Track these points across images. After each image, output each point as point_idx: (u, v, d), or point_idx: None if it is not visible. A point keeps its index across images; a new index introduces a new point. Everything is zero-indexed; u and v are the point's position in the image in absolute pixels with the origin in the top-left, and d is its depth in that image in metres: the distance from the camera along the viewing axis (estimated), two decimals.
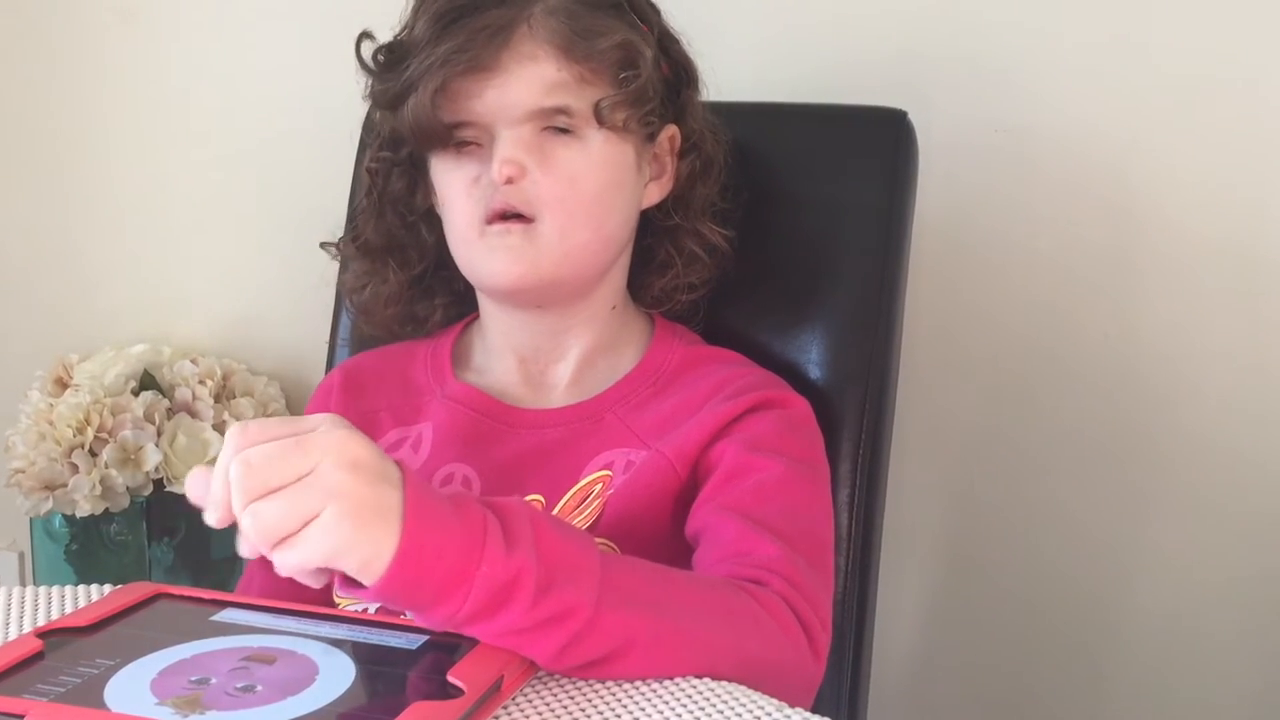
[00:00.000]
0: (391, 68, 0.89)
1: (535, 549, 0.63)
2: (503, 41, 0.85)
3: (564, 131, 0.88)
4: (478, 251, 0.89)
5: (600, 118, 0.87)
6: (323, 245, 1.03)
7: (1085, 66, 1.17)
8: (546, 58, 0.86)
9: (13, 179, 1.57)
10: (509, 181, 0.86)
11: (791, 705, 0.75)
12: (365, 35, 0.92)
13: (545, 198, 0.87)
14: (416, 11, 0.89)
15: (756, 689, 0.68)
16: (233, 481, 0.60)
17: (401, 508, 0.61)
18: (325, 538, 0.59)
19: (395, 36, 0.91)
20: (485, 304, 0.96)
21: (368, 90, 0.93)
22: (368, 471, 0.61)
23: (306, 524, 0.59)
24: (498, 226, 0.88)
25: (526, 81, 0.86)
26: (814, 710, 0.64)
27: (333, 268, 1.06)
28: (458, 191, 0.89)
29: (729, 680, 0.68)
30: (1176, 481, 1.21)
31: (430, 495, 0.63)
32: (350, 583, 0.62)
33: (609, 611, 0.65)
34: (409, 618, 0.68)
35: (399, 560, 0.60)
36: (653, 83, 0.90)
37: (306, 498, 0.59)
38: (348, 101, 0.97)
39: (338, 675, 0.63)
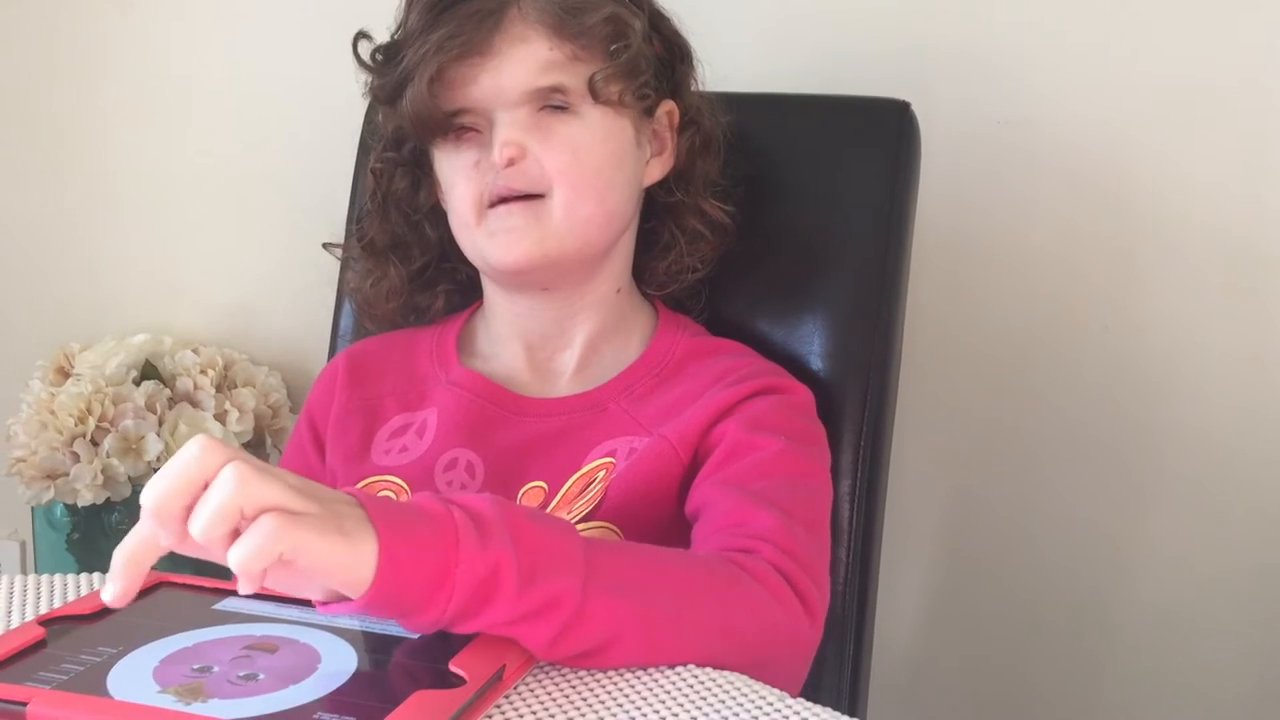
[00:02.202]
0: (388, 62, 0.90)
1: (512, 541, 0.63)
2: (494, 25, 0.87)
3: (561, 109, 0.89)
4: (480, 235, 0.90)
5: (595, 92, 0.88)
6: (325, 246, 1.03)
7: (1088, 60, 1.17)
8: (538, 38, 0.87)
9: (14, 169, 1.57)
10: (510, 164, 0.87)
11: (790, 669, 0.77)
12: (362, 35, 0.92)
13: (549, 172, 0.88)
14: (409, 6, 0.90)
15: (752, 658, 0.69)
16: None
17: (368, 519, 0.60)
18: (312, 554, 0.58)
19: (391, 35, 0.92)
20: (491, 291, 0.97)
21: (367, 88, 0.94)
22: (303, 496, 0.59)
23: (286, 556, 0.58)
24: (500, 208, 0.88)
25: (520, 63, 0.87)
26: (814, 700, 0.64)
27: (334, 258, 1.06)
28: (459, 176, 0.90)
29: (723, 654, 0.68)
30: (1175, 475, 1.21)
31: (391, 504, 0.63)
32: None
33: (597, 598, 0.65)
34: None
35: (383, 565, 0.59)
36: (644, 55, 0.91)
37: (264, 543, 0.57)
38: (349, 93, 0.97)
39: (340, 664, 0.63)
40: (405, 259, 0.98)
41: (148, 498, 0.58)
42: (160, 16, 1.48)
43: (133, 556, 0.60)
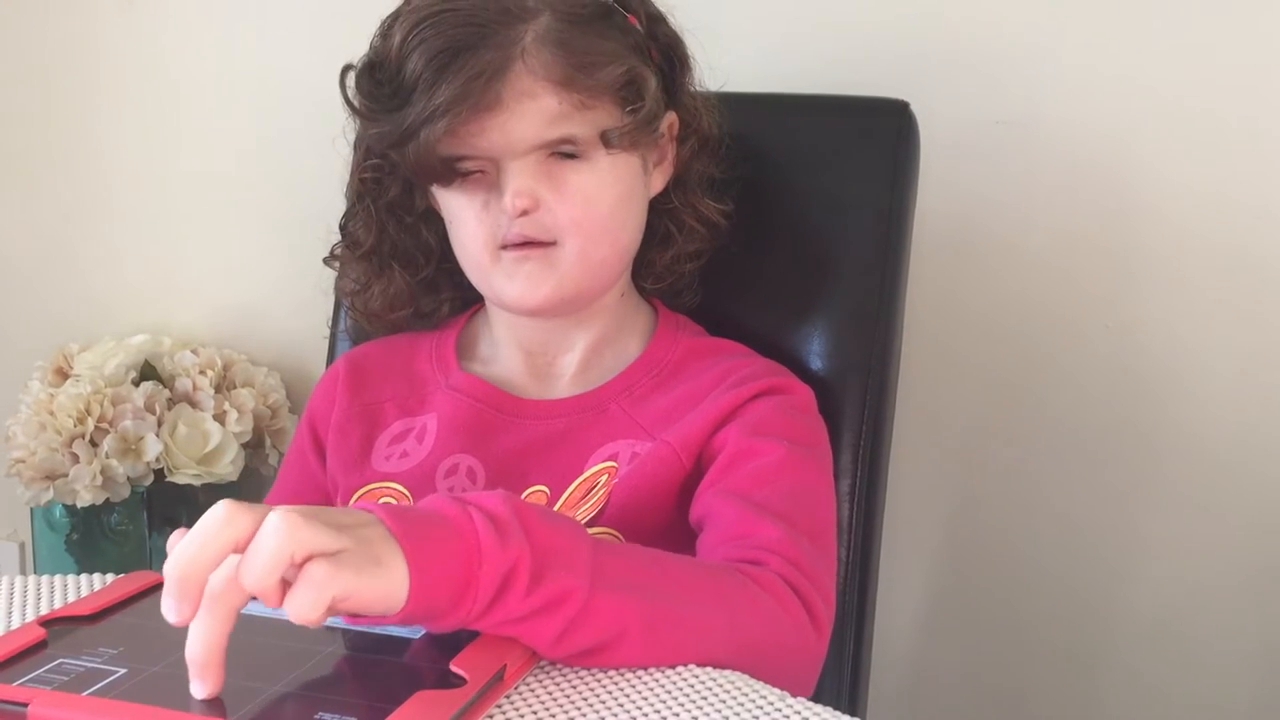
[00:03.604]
0: (386, 109, 0.86)
1: (527, 537, 0.63)
2: (500, 81, 0.84)
3: (570, 156, 0.87)
4: (496, 277, 0.89)
5: (608, 144, 0.87)
6: (327, 261, 1.02)
7: (1087, 60, 1.17)
8: (545, 93, 0.84)
9: (13, 170, 1.57)
10: (523, 213, 0.86)
11: (795, 681, 0.76)
12: (349, 68, 0.89)
13: (562, 222, 0.87)
14: (404, 42, 0.84)
15: (757, 668, 0.69)
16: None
17: (392, 537, 0.60)
18: (358, 595, 0.58)
19: (375, 56, 0.87)
20: (494, 305, 0.96)
21: (358, 127, 0.91)
22: (338, 533, 0.59)
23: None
24: (514, 253, 0.88)
25: (528, 118, 0.85)
26: (814, 699, 0.64)
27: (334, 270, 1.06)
28: (468, 216, 0.89)
29: (728, 661, 0.68)
30: (1172, 479, 1.20)
31: (410, 514, 0.63)
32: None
33: (604, 595, 0.65)
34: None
35: (415, 583, 0.59)
36: (658, 102, 0.89)
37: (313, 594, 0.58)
38: None
39: (339, 664, 0.63)
40: (409, 265, 0.97)
41: (174, 565, 0.57)
42: (160, 14, 1.48)
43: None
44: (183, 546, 0.58)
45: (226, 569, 0.58)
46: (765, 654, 0.72)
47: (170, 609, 0.58)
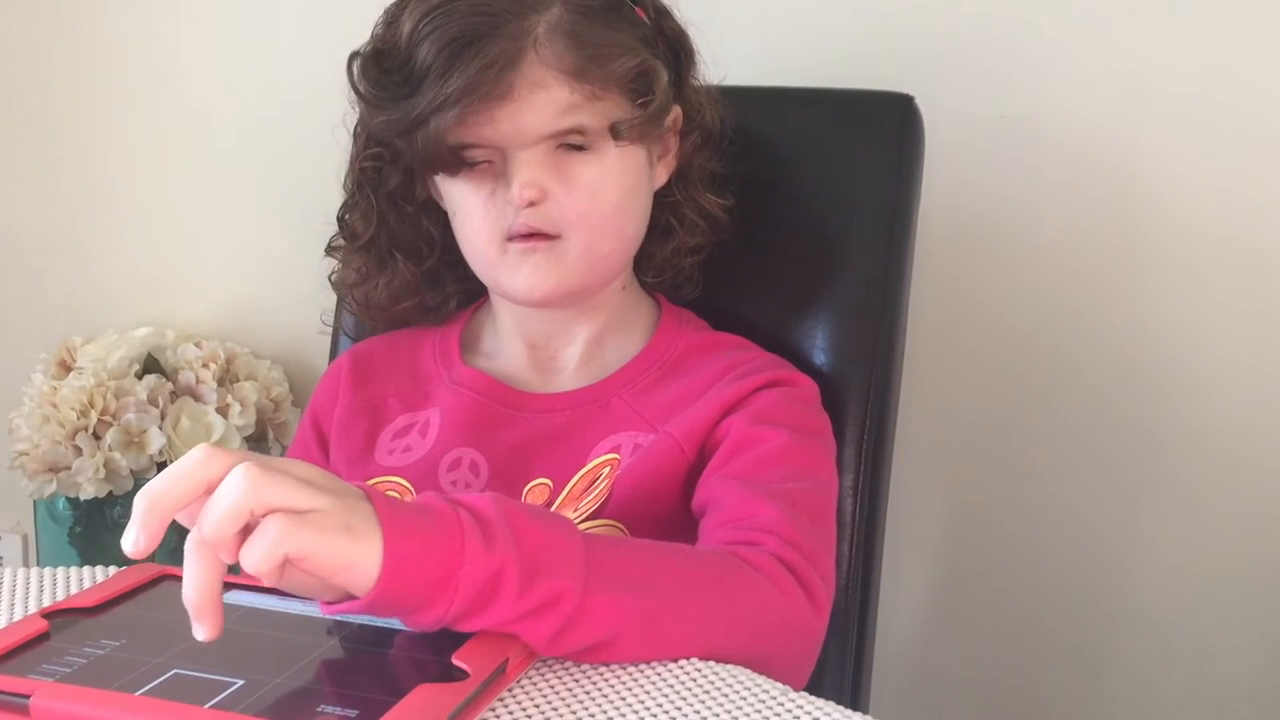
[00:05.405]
0: (395, 97, 0.85)
1: (515, 541, 0.63)
2: (513, 71, 0.83)
3: (578, 148, 0.87)
4: (502, 269, 0.89)
5: (617, 136, 0.87)
6: (329, 252, 1.01)
7: (1095, 53, 1.17)
8: (557, 84, 0.84)
9: (16, 162, 1.57)
10: (531, 204, 0.86)
11: (795, 660, 0.76)
12: (356, 55, 0.88)
13: (568, 216, 0.87)
14: (414, 31, 0.84)
15: (755, 652, 0.69)
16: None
17: (375, 516, 0.60)
18: (318, 555, 0.58)
19: (382, 44, 0.87)
20: (497, 297, 0.96)
21: (363, 115, 0.90)
22: (312, 491, 0.59)
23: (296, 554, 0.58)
24: (520, 245, 0.88)
25: (539, 108, 0.84)
26: (817, 693, 0.64)
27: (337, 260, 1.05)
28: (474, 207, 0.89)
29: (726, 648, 0.68)
30: (1178, 473, 1.20)
31: (398, 502, 0.63)
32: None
33: (598, 594, 0.65)
34: None
35: (388, 565, 0.59)
36: (667, 95, 0.89)
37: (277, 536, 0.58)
38: None
39: (341, 657, 0.63)
40: (412, 255, 0.97)
41: (142, 496, 0.58)
42: (166, 7, 1.47)
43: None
44: (155, 480, 0.59)
45: None
46: (764, 635, 0.72)
47: (128, 538, 0.58)
